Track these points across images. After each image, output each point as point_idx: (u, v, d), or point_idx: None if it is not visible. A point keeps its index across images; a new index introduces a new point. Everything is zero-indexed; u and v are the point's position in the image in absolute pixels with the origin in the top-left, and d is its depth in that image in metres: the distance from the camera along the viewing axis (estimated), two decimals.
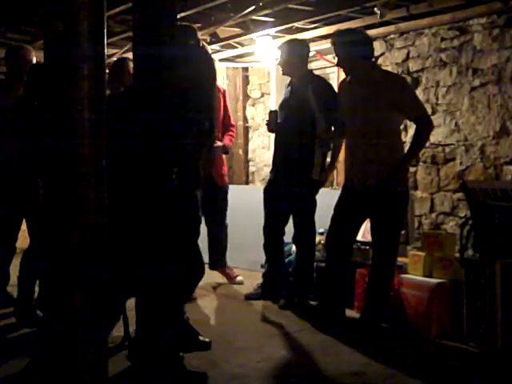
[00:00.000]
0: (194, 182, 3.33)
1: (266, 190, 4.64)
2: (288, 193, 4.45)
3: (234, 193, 5.32)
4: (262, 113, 7.25)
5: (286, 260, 4.77)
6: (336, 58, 4.09)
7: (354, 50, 3.87)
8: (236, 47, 6.64)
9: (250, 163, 7.49)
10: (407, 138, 5.12)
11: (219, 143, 4.66)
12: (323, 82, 4.53)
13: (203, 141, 3.40)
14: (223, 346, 3.56)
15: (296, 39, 4.88)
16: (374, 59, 4.64)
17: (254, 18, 5.48)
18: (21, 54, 4.48)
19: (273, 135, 4.95)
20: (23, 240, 4.59)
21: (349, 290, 4.22)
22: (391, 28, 5.57)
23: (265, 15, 5.39)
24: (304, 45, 4.62)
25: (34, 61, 4.50)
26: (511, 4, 4.70)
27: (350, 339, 3.71)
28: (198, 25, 5.25)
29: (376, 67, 4.15)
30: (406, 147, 4.06)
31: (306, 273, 4.52)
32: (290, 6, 5.10)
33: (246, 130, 7.47)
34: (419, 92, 5.37)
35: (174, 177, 2.88)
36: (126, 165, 2.93)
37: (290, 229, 4.56)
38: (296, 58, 4.48)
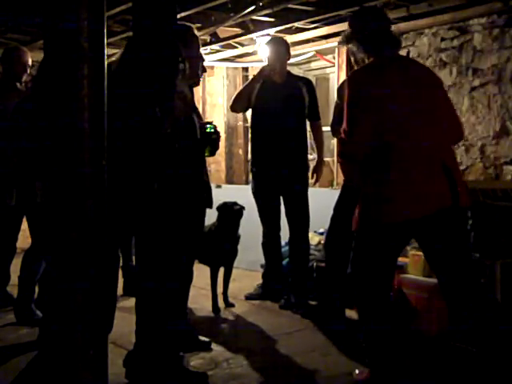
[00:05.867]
0: (202, 186, 3.39)
1: None
2: None
3: (234, 193, 5.31)
4: None
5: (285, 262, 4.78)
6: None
7: None
8: (236, 47, 6.64)
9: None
10: None
11: None
12: None
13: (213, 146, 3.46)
14: (223, 346, 3.57)
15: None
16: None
17: (254, 17, 5.49)
18: (15, 56, 4.49)
19: None
20: (23, 240, 4.60)
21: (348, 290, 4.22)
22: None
23: (265, 15, 5.39)
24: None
25: (30, 62, 4.52)
26: (511, 4, 4.71)
27: (350, 339, 3.71)
28: (198, 25, 5.26)
29: None
30: None
31: (302, 273, 4.51)
32: (290, 6, 5.10)
33: (246, 129, 7.47)
34: None
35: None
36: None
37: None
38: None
